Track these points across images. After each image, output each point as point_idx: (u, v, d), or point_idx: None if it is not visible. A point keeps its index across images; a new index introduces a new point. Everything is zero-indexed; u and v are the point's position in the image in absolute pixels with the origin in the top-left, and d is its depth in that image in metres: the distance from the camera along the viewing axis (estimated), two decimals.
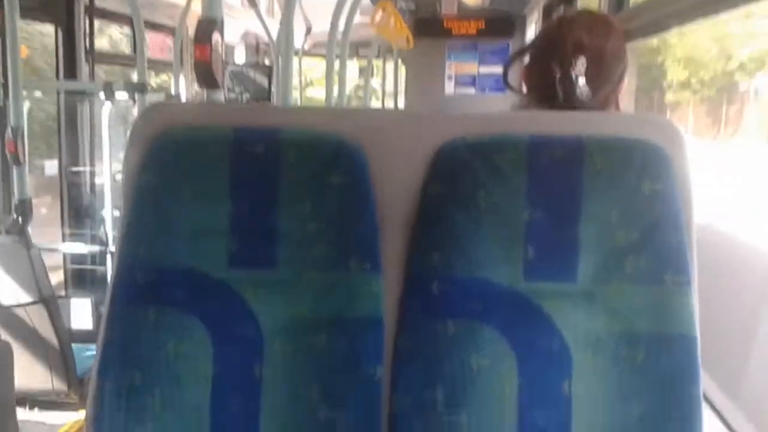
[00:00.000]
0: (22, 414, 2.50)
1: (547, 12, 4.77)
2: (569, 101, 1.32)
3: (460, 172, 1.04)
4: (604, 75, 1.35)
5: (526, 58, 1.47)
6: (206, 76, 1.26)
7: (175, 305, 1.03)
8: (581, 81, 1.32)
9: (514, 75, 1.61)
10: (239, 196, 1.04)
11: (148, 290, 1.04)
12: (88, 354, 2.63)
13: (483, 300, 1.02)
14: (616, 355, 1.00)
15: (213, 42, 1.28)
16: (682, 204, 1.03)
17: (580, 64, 1.32)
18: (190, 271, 1.04)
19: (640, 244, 1.01)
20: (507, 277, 1.02)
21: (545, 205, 1.01)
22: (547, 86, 1.35)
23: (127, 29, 4.47)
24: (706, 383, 1.06)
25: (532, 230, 1.01)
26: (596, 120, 1.13)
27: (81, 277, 3.85)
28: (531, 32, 5.75)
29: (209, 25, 1.28)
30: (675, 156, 1.03)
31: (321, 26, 4.87)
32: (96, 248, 3.51)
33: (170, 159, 1.06)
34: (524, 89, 1.48)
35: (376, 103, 7.31)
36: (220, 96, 1.30)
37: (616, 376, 1.00)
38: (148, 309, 1.03)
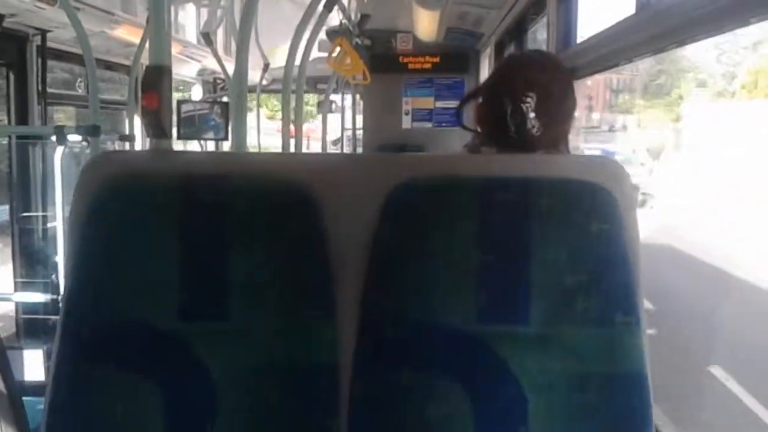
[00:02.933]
0: None
1: (498, 48, 4.87)
2: (520, 136, 1.36)
3: (412, 215, 1.05)
4: (553, 111, 1.39)
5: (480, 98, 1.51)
6: (155, 125, 1.24)
7: (125, 361, 1.01)
8: (531, 116, 1.35)
9: (468, 113, 1.63)
10: (188, 246, 1.03)
11: (95, 347, 1.01)
12: (40, 407, 2.54)
13: (437, 345, 1.01)
14: (570, 399, 1.01)
15: (161, 89, 1.26)
16: (629, 244, 1.04)
17: (530, 100, 1.35)
18: (138, 325, 1.01)
19: (589, 286, 1.01)
20: (460, 321, 1.02)
21: (496, 248, 1.02)
22: (499, 122, 1.38)
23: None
24: (658, 417, 1.06)
25: (484, 273, 1.02)
26: (544, 162, 1.14)
27: (33, 326, 3.74)
28: (484, 67, 5.86)
29: (158, 72, 1.26)
30: (621, 197, 1.05)
31: (279, 62, 4.90)
32: (48, 297, 3.42)
33: (117, 210, 1.04)
34: (477, 127, 1.51)
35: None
36: (170, 144, 1.28)
37: (572, 419, 1.01)
38: (95, 369, 1.01)
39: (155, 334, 1.01)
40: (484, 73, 5.89)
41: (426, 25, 5.21)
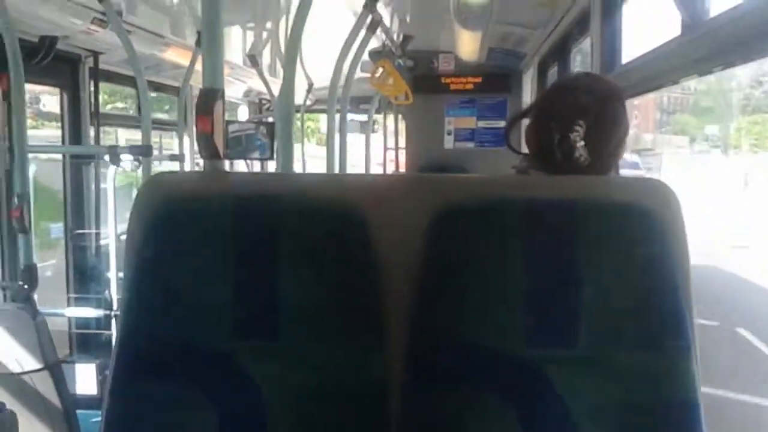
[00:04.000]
0: None
1: (542, 68, 4.85)
2: (568, 164, 1.33)
3: (459, 237, 1.05)
4: (605, 138, 1.36)
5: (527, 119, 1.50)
6: (209, 147, 1.28)
7: (178, 379, 1.03)
8: (580, 144, 1.32)
9: (514, 134, 1.63)
10: (241, 266, 1.05)
11: (151, 362, 1.04)
12: (93, 421, 2.60)
13: (486, 368, 1.01)
14: (619, 423, 1.00)
15: (215, 112, 1.30)
16: (679, 268, 1.03)
17: (579, 128, 1.32)
18: (192, 343, 1.04)
19: (638, 310, 1.01)
20: (509, 344, 1.01)
21: (543, 271, 1.02)
22: (546, 148, 1.36)
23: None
24: None
25: (532, 296, 1.01)
26: (591, 184, 1.14)
27: (86, 341, 3.82)
28: (527, 88, 5.83)
29: (211, 95, 1.30)
30: (669, 219, 1.04)
31: (322, 82, 4.97)
32: (101, 312, 3.49)
33: (172, 230, 1.07)
34: (525, 149, 1.49)
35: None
36: (222, 165, 1.32)
37: None
38: (150, 384, 1.03)
39: (208, 352, 1.04)
40: (527, 93, 5.87)
41: (468, 45, 5.22)
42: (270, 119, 5.66)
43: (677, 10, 1.84)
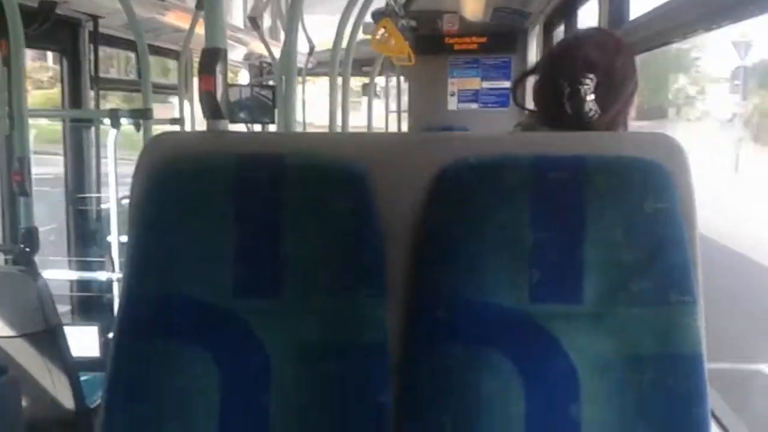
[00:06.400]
0: None
1: (547, 27, 4.79)
2: (578, 119, 1.33)
3: (464, 194, 1.05)
4: (614, 93, 1.35)
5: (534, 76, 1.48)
6: (211, 106, 1.27)
7: (182, 337, 1.03)
8: (590, 98, 1.32)
9: (521, 92, 1.61)
10: (244, 223, 1.05)
11: (155, 321, 1.04)
12: (95, 382, 2.62)
13: (489, 323, 1.01)
14: (624, 378, 1.00)
15: (217, 72, 1.29)
16: (686, 222, 1.02)
17: (589, 82, 1.32)
18: (196, 300, 1.04)
19: (644, 264, 1.00)
20: (513, 300, 1.01)
21: (549, 227, 1.01)
22: (555, 104, 1.35)
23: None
24: (714, 401, 1.05)
25: (537, 252, 1.01)
26: (598, 140, 1.13)
27: (87, 304, 3.85)
28: (532, 47, 5.77)
29: (213, 55, 1.29)
30: (677, 174, 1.03)
31: (322, 44, 4.92)
32: (102, 275, 3.51)
33: (175, 189, 1.07)
34: (532, 106, 1.48)
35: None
36: (225, 125, 1.30)
37: (624, 398, 1.00)
38: (155, 341, 1.03)
39: (212, 310, 1.04)
40: (532, 52, 5.81)
41: (472, 4, 5.16)
42: (271, 82, 5.61)
43: None
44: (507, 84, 6.12)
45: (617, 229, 1.01)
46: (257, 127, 4.90)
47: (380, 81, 6.80)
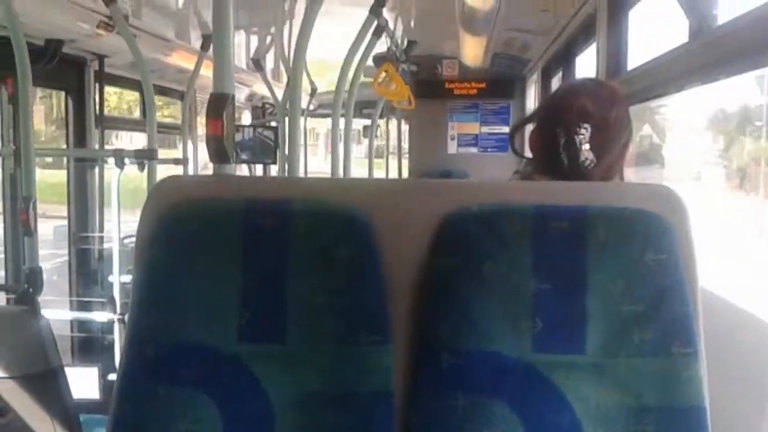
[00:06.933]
0: None
1: (546, 74, 4.86)
2: (574, 168, 1.34)
3: (466, 242, 1.06)
4: (609, 143, 1.37)
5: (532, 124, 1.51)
6: (218, 150, 1.29)
7: (186, 382, 1.03)
8: (585, 148, 1.34)
9: (519, 139, 1.64)
10: (250, 269, 1.05)
11: (159, 365, 1.04)
12: (94, 424, 2.59)
13: (493, 373, 1.02)
14: (626, 430, 1.00)
15: (225, 116, 1.31)
16: (687, 273, 1.03)
17: (585, 132, 1.34)
18: (200, 345, 1.04)
19: (646, 316, 1.01)
20: (516, 350, 1.02)
21: (551, 276, 1.02)
22: (551, 152, 1.37)
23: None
24: None
25: (540, 302, 1.02)
26: (599, 190, 1.14)
27: (88, 345, 3.80)
28: (531, 93, 5.84)
29: (221, 99, 1.32)
30: (677, 225, 1.05)
31: (323, 86, 4.98)
32: (104, 316, 3.48)
33: (181, 233, 1.08)
34: (529, 154, 1.50)
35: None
36: (231, 168, 1.32)
37: None
38: (158, 386, 1.03)
39: (216, 355, 1.04)
40: (531, 99, 5.88)
41: (472, 50, 5.24)
42: (273, 123, 5.66)
43: (686, 16, 1.84)
44: (506, 129, 6.19)
45: (619, 280, 1.01)
46: (259, 167, 4.92)
47: (382, 124, 6.85)
